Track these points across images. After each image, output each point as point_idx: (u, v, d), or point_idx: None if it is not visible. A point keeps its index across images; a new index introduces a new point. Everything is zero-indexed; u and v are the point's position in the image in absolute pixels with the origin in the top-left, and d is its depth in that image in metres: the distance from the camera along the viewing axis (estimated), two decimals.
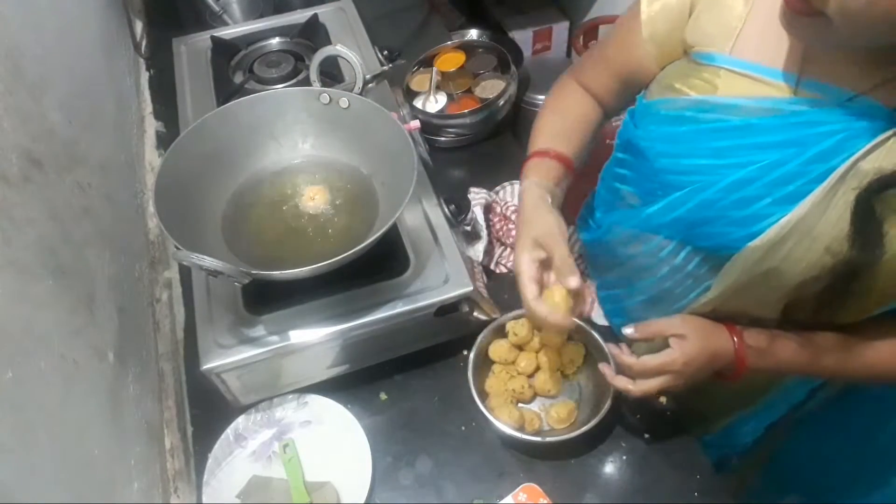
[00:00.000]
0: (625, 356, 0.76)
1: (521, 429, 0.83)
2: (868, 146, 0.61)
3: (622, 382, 0.77)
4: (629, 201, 0.84)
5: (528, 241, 0.77)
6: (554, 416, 0.85)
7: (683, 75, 0.74)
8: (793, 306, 0.74)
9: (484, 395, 0.87)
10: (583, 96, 0.92)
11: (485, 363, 0.91)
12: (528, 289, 0.75)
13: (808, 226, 0.64)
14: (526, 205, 0.81)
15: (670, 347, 0.74)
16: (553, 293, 0.75)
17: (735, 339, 0.75)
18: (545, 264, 0.77)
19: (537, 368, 0.91)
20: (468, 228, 1.02)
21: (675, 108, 0.73)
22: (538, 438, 0.82)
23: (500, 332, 0.91)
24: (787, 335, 0.76)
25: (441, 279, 0.85)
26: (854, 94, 0.62)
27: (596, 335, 0.88)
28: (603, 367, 0.80)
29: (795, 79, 0.65)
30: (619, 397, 0.83)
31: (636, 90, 0.85)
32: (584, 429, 0.81)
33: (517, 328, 0.89)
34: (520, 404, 0.88)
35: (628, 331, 0.77)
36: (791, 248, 0.65)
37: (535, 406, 0.89)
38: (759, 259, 0.67)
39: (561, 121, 0.90)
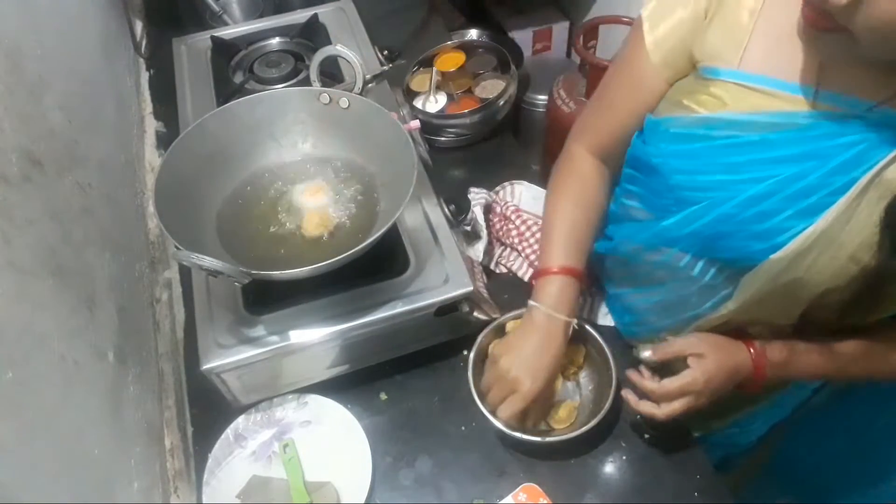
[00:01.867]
0: (646, 382, 0.76)
1: (521, 429, 0.83)
2: (891, 156, 0.60)
3: (647, 408, 0.77)
4: (637, 216, 0.83)
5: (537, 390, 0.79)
6: (554, 416, 0.85)
7: (690, 91, 0.73)
8: (811, 312, 0.74)
9: (484, 395, 0.87)
10: (594, 171, 0.88)
11: (485, 363, 0.90)
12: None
13: (832, 236, 0.64)
14: (550, 344, 0.80)
15: (690, 367, 0.74)
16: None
17: (752, 351, 0.75)
18: None
19: None
20: (468, 228, 1.02)
21: (683, 126, 0.72)
22: (538, 438, 0.82)
23: (500, 332, 0.90)
24: (808, 347, 0.76)
25: (441, 279, 0.85)
26: (873, 104, 0.62)
27: (597, 335, 0.88)
28: (626, 393, 0.80)
29: (813, 91, 0.64)
30: (620, 397, 0.83)
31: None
32: (584, 429, 0.81)
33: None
34: None
35: (646, 353, 0.78)
36: (815, 258, 0.65)
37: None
38: (781, 270, 0.67)
39: (573, 222, 0.86)
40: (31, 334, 0.61)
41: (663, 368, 0.77)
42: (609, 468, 0.85)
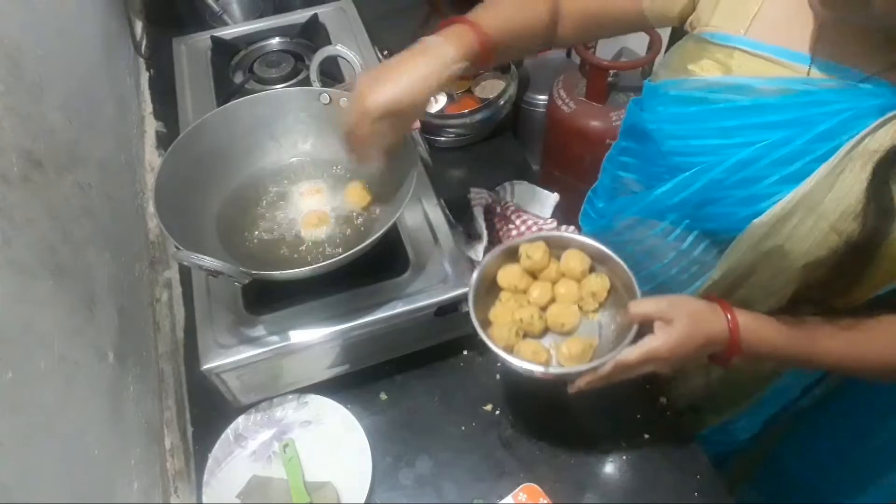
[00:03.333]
0: (602, 369, 0.69)
1: (525, 360, 0.71)
2: (874, 124, 0.61)
3: (598, 382, 0.70)
4: (632, 189, 0.83)
5: (388, 97, 0.68)
6: (565, 352, 0.73)
7: (695, 57, 0.73)
8: (798, 295, 0.73)
9: (486, 325, 0.76)
10: (545, 3, 0.81)
11: (490, 291, 0.80)
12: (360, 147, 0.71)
13: (814, 202, 0.64)
14: (413, 48, 0.71)
15: (653, 334, 0.67)
16: None
17: (729, 317, 0.68)
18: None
19: (552, 300, 0.79)
20: (468, 229, 1.02)
21: (685, 89, 0.73)
22: (540, 367, 0.70)
23: (512, 257, 0.79)
24: (786, 319, 0.71)
25: (441, 279, 0.85)
26: (866, 75, 0.62)
27: (626, 267, 0.75)
28: (572, 388, 0.71)
29: (809, 59, 0.65)
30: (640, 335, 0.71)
31: (598, 28, 0.83)
32: (592, 364, 0.69)
33: (531, 251, 0.78)
34: (528, 338, 0.77)
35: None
36: (796, 224, 0.65)
37: (546, 342, 0.78)
38: (763, 236, 0.67)
39: (510, 8, 0.79)
40: (31, 334, 0.61)
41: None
42: (609, 468, 0.85)
